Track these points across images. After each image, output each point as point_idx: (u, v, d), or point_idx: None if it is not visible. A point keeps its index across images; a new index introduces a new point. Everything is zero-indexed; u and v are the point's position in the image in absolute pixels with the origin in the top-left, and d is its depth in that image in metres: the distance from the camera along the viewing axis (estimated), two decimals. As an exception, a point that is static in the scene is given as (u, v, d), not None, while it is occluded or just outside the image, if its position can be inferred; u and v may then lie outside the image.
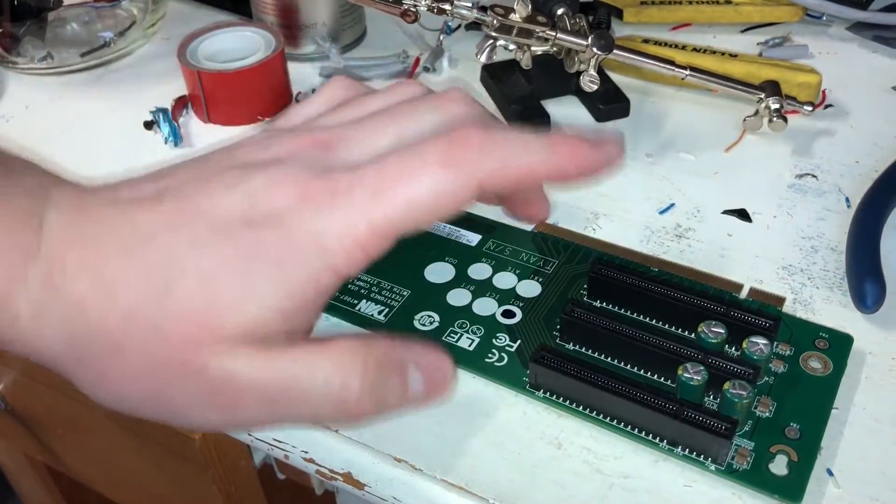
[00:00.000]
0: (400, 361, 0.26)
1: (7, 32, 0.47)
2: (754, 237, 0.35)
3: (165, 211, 0.25)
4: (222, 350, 0.24)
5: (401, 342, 0.27)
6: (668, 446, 0.27)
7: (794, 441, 0.26)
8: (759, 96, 0.39)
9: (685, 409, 0.26)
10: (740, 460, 0.26)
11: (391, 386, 0.26)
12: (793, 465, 0.26)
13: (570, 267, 0.33)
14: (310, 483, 0.51)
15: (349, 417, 0.26)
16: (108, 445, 0.51)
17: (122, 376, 0.25)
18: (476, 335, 0.31)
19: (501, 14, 0.37)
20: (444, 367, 0.27)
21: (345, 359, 0.25)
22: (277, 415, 0.26)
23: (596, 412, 0.28)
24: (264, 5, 0.46)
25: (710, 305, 0.29)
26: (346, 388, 0.25)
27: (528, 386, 0.29)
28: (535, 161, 0.28)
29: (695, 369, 0.27)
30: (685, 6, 0.48)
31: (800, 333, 0.30)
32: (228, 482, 0.45)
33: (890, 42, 0.47)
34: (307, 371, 0.25)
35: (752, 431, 0.27)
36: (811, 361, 0.29)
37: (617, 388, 0.27)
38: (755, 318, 0.29)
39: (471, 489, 0.26)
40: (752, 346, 0.28)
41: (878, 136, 0.41)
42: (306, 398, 0.25)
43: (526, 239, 0.34)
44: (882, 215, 0.34)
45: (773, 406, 0.27)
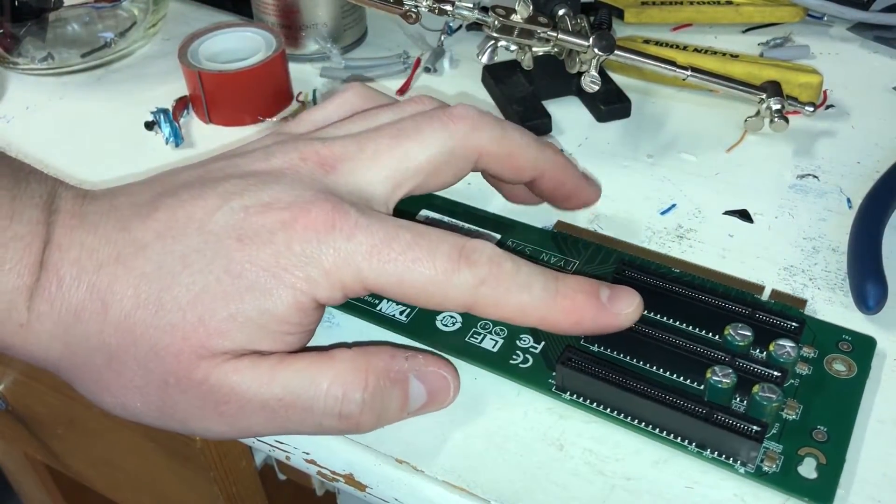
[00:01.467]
0: (401, 373, 0.26)
1: (8, 33, 0.47)
2: (755, 238, 0.35)
3: (160, 219, 0.25)
4: (222, 362, 0.24)
5: (402, 353, 0.27)
6: (696, 449, 0.26)
7: (822, 444, 0.26)
8: (761, 97, 0.39)
9: (715, 412, 0.26)
10: (769, 463, 0.26)
11: (392, 398, 0.26)
12: (822, 468, 0.26)
13: (591, 267, 0.33)
14: (311, 484, 0.51)
15: (351, 429, 0.26)
16: (109, 446, 0.51)
17: (123, 387, 0.25)
18: (499, 336, 0.30)
19: (503, 15, 0.37)
20: (447, 376, 0.28)
21: (346, 372, 0.25)
22: (280, 425, 0.26)
23: (624, 415, 0.27)
24: (265, 6, 0.46)
25: (736, 308, 0.29)
26: (349, 401, 0.25)
27: (554, 388, 0.28)
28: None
29: (723, 372, 0.27)
30: (686, 7, 0.48)
31: (823, 336, 0.30)
32: (229, 483, 0.45)
33: (891, 42, 0.47)
34: (309, 384, 0.25)
35: (780, 434, 0.27)
36: (835, 364, 0.29)
37: (647, 390, 0.27)
38: (781, 320, 0.29)
39: (472, 490, 0.26)
40: (779, 349, 0.28)
41: (880, 137, 0.40)
42: (309, 410, 0.25)
43: (546, 238, 0.34)
44: (883, 216, 0.34)
45: (800, 409, 0.27)
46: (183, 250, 0.24)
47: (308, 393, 0.25)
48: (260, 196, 0.25)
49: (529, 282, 0.26)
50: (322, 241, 0.25)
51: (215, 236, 0.25)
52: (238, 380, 0.24)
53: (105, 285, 0.24)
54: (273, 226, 0.25)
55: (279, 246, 0.24)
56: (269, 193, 0.25)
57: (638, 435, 0.27)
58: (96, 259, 0.25)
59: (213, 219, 0.25)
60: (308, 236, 0.24)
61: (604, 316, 0.27)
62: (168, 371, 0.24)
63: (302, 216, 0.25)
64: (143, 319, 0.24)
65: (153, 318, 0.24)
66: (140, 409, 0.26)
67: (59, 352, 0.25)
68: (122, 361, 0.25)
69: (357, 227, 0.25)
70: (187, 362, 0.24)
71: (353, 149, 0.27)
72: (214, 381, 0.24)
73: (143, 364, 0.24)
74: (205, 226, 0.25)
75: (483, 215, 0.36)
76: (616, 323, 0.27)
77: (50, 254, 0.25)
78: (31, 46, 0.47)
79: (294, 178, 0.26)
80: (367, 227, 0.25)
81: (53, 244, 0.25)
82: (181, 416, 0.25)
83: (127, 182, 0.28)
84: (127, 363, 0.25)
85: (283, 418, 0.25)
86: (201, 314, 0.24)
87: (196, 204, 0.25)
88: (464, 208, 0.36)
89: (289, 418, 0.25)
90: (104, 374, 0.25)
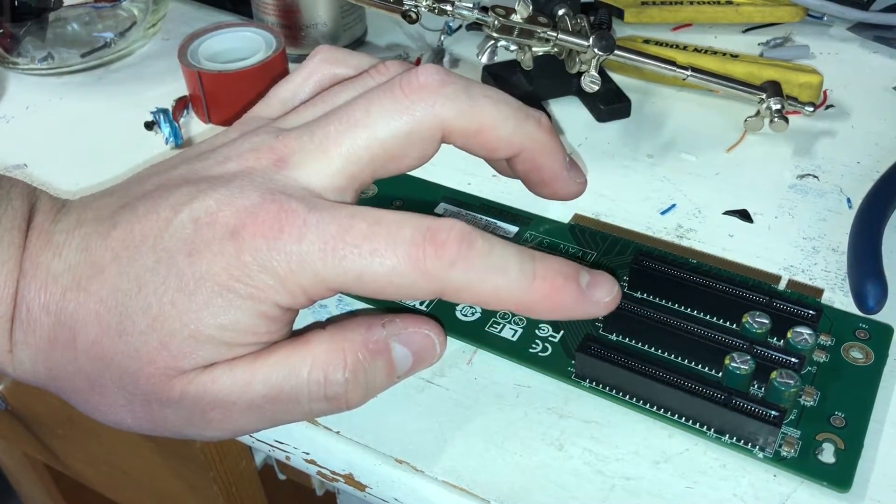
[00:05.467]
0: (380, 342, 0.25)
1: (7, 33, 0.47)
2: (755, 238, 0.35)
3: (117, 237, 0.24)
4: (195, 376, 0.24)
5: (378, 320, 0.26)
6: (715, 434, 0.27)
7: (840, 429, 0.27)
8: (761, 97, 0.39)
9: (734, 398, 0.26)
10: (788, 448, 0.26)
11: (376, 369, 0.25)
12: (840, 454, 0.26)
13: (609, 259, 0.33)
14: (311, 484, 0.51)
15: (342, 407, 0.26)
16: (109, 446, 0.51)
17: (110, 406, 0.25)
18: (519, 326, 0.31)
19: (502, 14, 0.37)
20: (429, 333, 0.26)
21: (324, 354, 0.25)
22: (272, 419, 0.25)
23: (643, 402, 0.28)
24: (265, 5, 0.46)
25: (753, 296, 0.29)
26: (332, 383, 0.25)
27: (573, 376, 0.29)
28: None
29: (741, 359, 0.27)
30: (686, 7, 0.48)
31: (840, 324, 0.30)
32: (229, 483, 0.45)
33: (891, 42, 0.47)
34: (290, 374, 0.24)
35: (798, 420, 0.27)
36: (853, 352, 0.29)
37: (666, 377, 0.27)
38: (798, 308, 0.29)
39: (472, 490, 0.26)
40: (796, 336, 0.28)
41: (880, 137, 0.40)
42: (296, 401, 0.25)
43: (564, 230, 0.34)
44: (883, 216, 0.34)
45: (817, 395, 0.28)
46: (137, 271, 0.24)
47: (290, 383, 0.24)
48: (207, 204, 0.24)
49: (504, 263, 0.24)
50: (272, 247, 0.23)
51: (167, 253, 0.24)
52: (217, 388, 0.24)
53: (70, 312, 0.24)
54: (222, 236, 0.23)
55: (229, 257, 0.23)
56: (217, 199, 0.24)
57: (637, 435, 0.27)
58: (60, 284, 0.24)
59: (165, 234, 0.24)
60: (257, 244, 0.23)
61: (583, 303, 0.25)
62: (146, 392, 0.24)
63: (249, 222, 0.23)
64: (109, 346, 0.24)
65: (118, 345, 0.24)
66: (131, 423, 0.25)
67: (44, 375, 0.25)
68: (101, 385, 0.24)
69: (306, 226, 0.23)
70: (160, 383, 0.24)
71: (304, 139, 0.26)
72: (193, 394, 0.24)
73: (120, 386, 0.24)
74: (158, 243, 0.24)
75: (500, 208, 0.36)
76: (594, 311, 0.26)
77: (20, 280, 0.24)
78: (31, 46, 0.47)
79: (245, 179, 0.25)
80: (316, 225, 0.23)
81: (22, 270, 0.24)
82: (172, 427, 0.25)
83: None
84: (106, 386, 0.24)
85: (273, 412, 0.25)
86: (161, 338, 0.23)
87: (150, 218, 0.24)
88: (480, 201, 0.36)
89: (277, 411, 0.25)
90: (89, 395, 0.25)
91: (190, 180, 0.25)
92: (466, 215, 0.35)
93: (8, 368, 0.25)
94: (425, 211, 0.36)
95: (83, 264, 0.24)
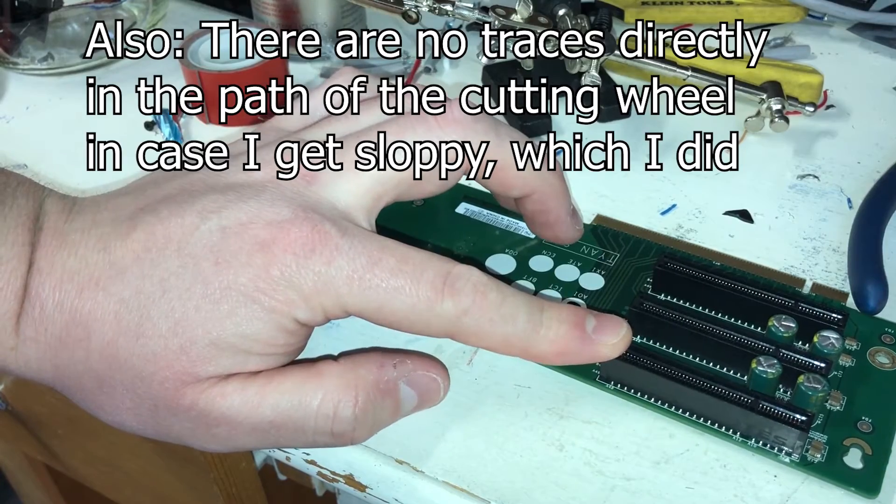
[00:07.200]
0: (391, 382, 0.26)
1: (7, 33, 0.47)
2: (756, 238, 0.35)
3: (139, 239, 0.24)
4: (209, 387, 0.24)
5: (390, 359, 0.26)
6: (741, 438, 0.27)
7: (867, 435, 0.26)
8: (761, 97, 0.39)
9: (761, 402, 0.26)
10: (814, 452, 0.26)
11: (384, 408, 0.26)
12: (867, 459, 0.26)
13: (632, 260, 0.33)
14: (311, 484, 0.51)
15: (345, 443, 0.26)
16: (109, 446, 0.51)
17: (116, 408, 0.25)
18: None
19: (503, 15, 0.37)
20: (436, 377, 0.27)
21: (336, 389, 0.25)
22: (274, 443, 0.26)
23: (668, 405, 0.28)
24: (265, 6, 0.46)
25: (779, 300, 0.29)
26: (340, 419, 0.25)
27: (598, 378, 0.29)
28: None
29: (768, 363, 0.27)
30: (686, 7, 0.48)
31: (865, 328, 0.30)
32: (230, 483, 0.45)
33: (891, 42, 0.47)
34: (299, 404, 0.25)
35: (825, 424, 0.27)
36: (878, 357, 0.29)
37: (692, 380, 0.27)
38: (825, 312, 0.29)
39: (472, 491, 0.26)
40: (823, 341, 0.28)
41: (880, 137, 0.40)
42: (301, 429, 0.25)
43: (586, 231, 0.34)
44: (884, 216, 0.34)
45: (844, 400, 0.27)
46: (161, 274, 0.24)
47: (298, 413, 0.25)
48: (238, 215, 0.24)
49: (514, 313, 0.25)
50: (301, 265, 0.24)
51: (193, 259, 0.24)
52: (226, 405, 0.24)
53: (87, 311, 0.24)
54: (251, 247, 0.24)
55: (257, 269, 0.24)
56: (247, 211, 0.24)
57: (638, 435, 0.27)
58: (77, 283, 0.24)
59: (191, 240, 0.24)
60: (287, 260, 0.24)
61: (588, 348, 0.26)
62: (156, 397, 0.24)
63: (281, 237, 0.24)
64: (125, 347, 0.24)
65: (135, 346, 0.24)
66: (136, 426, 0.25)
67: (50, 373, 0.25)
68: (110, 385, 0.24)
69: (338, 251, 0.24)
70: (173, 389, 0.24)
71: (336, 157, 0.26)
72: (203, 406, 0.24)
73: (130, 389, 0.24)
74: (183, 247, 0.24)
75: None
76: (601, 354, 0.27)
77: (32, 278, 0.24)
78: (31, 46, 0.47)
79: (275, 192, 0.25)
80: (348, 251, 0.24)
81: (35, 268, 0.24)
82: (175, 434, 0.25)
83: (126, 183, 0.28)
84: (115, 388, 0.24)
85: (276, 437, 0.25)
86: (182, 343, 0.23)
87: (174, 222, 0.24)
88: None
89: (281, 437, 0.25)
90: (96, 395, 0.25)
91: (215, 187, 0.25)
92: (488, 215, 0.35)
93: (11, 365, 0.25)
94: (447, 210, 0.36)
95: (103, 264, 0.24)
